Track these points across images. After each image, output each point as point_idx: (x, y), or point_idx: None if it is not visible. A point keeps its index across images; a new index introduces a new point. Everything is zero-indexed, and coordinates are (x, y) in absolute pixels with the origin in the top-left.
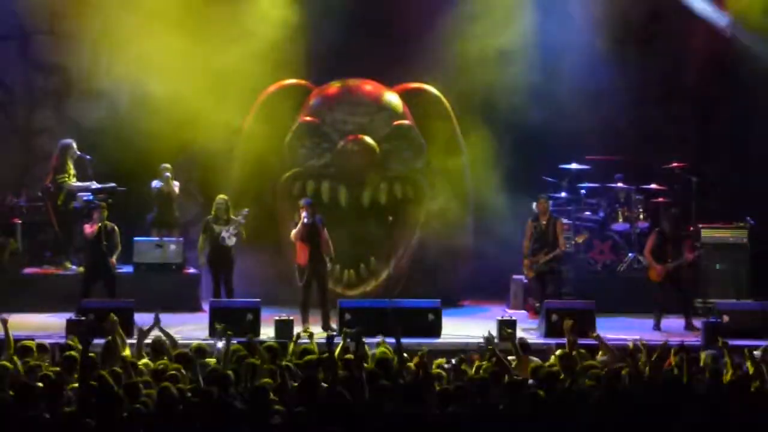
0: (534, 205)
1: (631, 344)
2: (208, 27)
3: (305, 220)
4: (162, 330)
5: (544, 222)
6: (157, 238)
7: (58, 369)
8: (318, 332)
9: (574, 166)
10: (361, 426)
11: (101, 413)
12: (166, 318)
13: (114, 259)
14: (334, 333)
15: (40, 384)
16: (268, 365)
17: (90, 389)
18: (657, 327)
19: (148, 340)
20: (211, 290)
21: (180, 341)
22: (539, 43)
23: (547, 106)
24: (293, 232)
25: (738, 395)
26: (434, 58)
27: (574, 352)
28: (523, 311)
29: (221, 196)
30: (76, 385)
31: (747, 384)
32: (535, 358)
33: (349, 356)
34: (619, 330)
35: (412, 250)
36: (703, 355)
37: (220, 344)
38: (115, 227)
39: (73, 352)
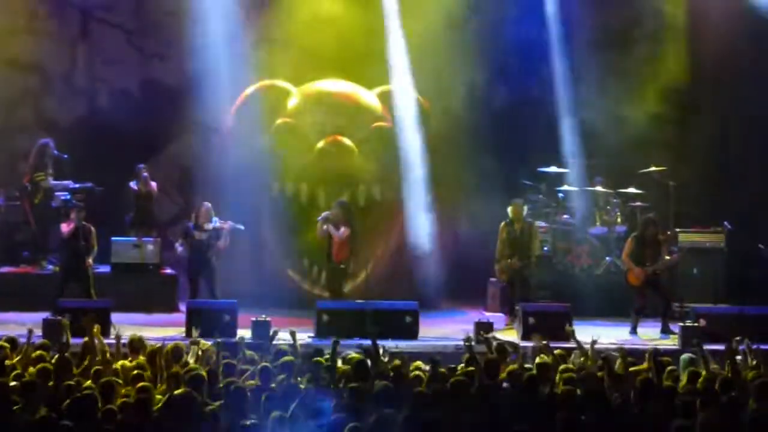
0: (509, 209)
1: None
2: None
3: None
4: None
5: (518, 227)
6: (135, 238)
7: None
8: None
9: (552, 169)
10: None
11: (77, 414)
12: (143, 318)
13: (90, 259)
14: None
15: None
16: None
17: (66, 389)
18: (634, 331)
19: (123, 340)
20: (188, 293)
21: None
22: (519, 46)
23: (526, 110)
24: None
25: (711, 399)
26: (414, 59)
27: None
28: (500, 314)
29: (206, 203)
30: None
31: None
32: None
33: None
34: (595, 334)
35: (390, 252)
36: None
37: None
38: (92, 228)
39: (43, 352)
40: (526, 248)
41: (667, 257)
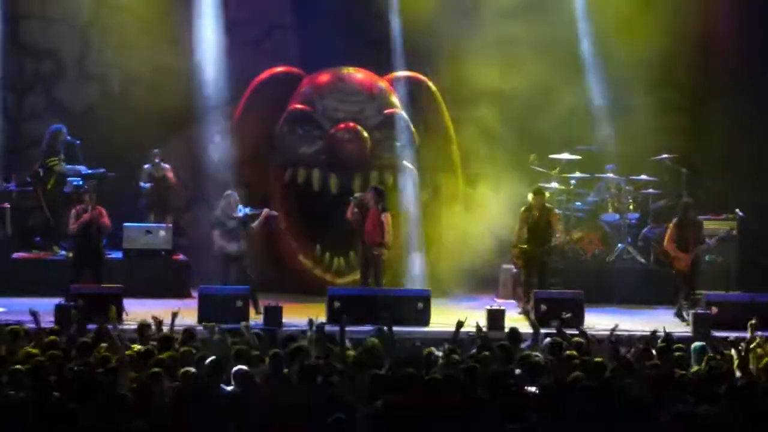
0: (530, 195)
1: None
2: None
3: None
4: None
5: (538, 213)
6: (150, 224)
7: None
8: None
9: (564, 155)
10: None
11: (86, 398)
12: (155, 304)
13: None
14: (324, 322)
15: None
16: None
17: (78, 373)
18: (680, 315)
19: (132, 325)
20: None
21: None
22: (529, 32)
23: (538, 96)
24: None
25: (721, 385)
26: (426, 46)
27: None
28: (512, 300)
29: (233, 192)
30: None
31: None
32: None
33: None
34: (610, 321)
35: (402, 238)
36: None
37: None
38: (103, 210)
39: (55, 337)
40: (545, 235)
41: (709, 239)
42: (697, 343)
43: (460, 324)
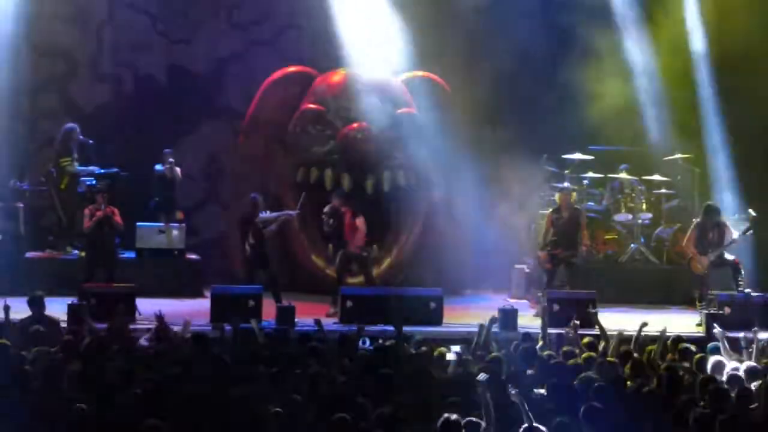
0: (556, 196)
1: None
2: None
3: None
4: None
5: (566, 214)
6: (162, 224)
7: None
8: None
9: (577, 156)
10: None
11: (98, 397)
12: (168, 303)
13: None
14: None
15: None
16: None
17: (90, 373)
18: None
19: (150, 325)
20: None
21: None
22: (541, 30)
23: (550, 96)
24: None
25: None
26: (438, 45)
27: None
28: (524, 300)
29: (255, 194)
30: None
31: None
32: None
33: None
34: (622, 321)
35: (414, 238)
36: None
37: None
38: (115, 209)
39: (71, 336)
40: (573, 237)
41: (735, 236)
42: (711, 344)
43: (494, 319)
